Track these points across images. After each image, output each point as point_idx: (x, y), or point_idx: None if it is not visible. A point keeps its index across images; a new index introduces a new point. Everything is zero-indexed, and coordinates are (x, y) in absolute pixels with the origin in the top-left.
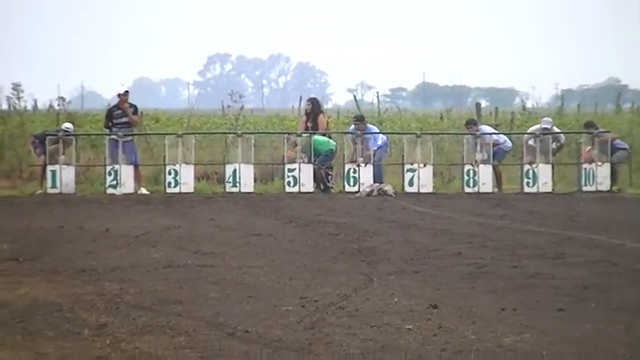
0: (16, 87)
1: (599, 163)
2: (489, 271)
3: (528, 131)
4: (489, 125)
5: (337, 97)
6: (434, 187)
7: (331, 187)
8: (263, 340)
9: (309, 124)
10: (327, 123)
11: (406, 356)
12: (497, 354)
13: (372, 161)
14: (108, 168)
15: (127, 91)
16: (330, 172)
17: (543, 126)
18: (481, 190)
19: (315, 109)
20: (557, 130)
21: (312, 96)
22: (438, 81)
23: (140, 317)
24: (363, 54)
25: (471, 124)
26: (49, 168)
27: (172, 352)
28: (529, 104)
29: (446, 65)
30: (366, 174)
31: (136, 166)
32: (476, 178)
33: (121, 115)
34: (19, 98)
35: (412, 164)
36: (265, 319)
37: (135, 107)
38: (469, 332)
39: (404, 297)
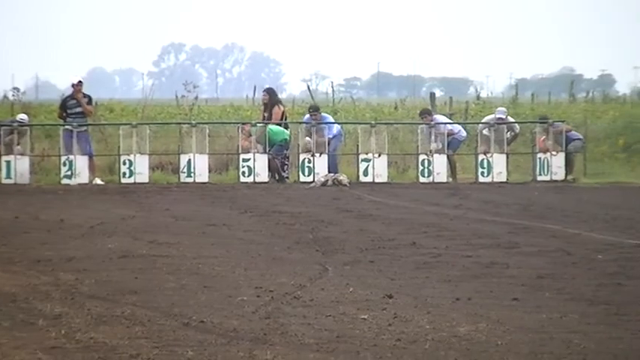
0: None
1: (553, 153)
2: (444, 261)
3: (483, 121)
4: (444, 115)
5: (291, 87)
6: (389, 176)
7: (286, 177)
8: (218, 330)
9: (265, 114)
10: (283, 113)
11: (361, 346)
12: (452, 343)
13: (326, 151)
14: (63, 158)
15: (80, 81)
16: (285, 162)
17: (498, 116)
18: (436, 180)
19: (272, 99)
20: (512, 120)
21: (268, 86)
22: (393, 71)
23: (95, 307)
24: (317, 44)
25: (425, 113)
26: (4, 158)
27: (127, 342)
28: (483, 94)
29: (400, 55)
30: (321, 164)
31: (91, 157)
32: (430, 167)
33: (75, 105)
34: None
35: (367, 154)
36: (220, 309)
37: (89, 97)
38: (424, 322)
39: (359, 287)
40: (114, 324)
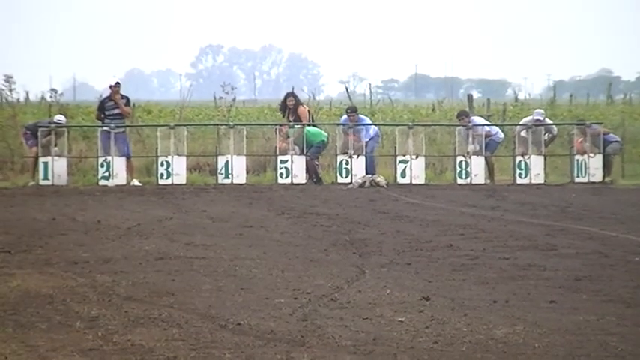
0: (8, 78)
1: (591, 155)
2: (481, 263)
3: (520, 123)
4: (481, 116)
5: (329, 89)
6: (426, 178)
7: (317, 180)
8: (255, 331)
9: (290, 118)
10: (309, 112)
11: (398, 348)
12: (489, 346)
13: (364, 153)
14: (100, 160)
15: (118, 83)
16: (317, 164)
17: (535, 117)
18: (473, 182)
19: (296, 101)
20: (549, 122)
21: (289, 91)
22: (430, 72)
23: (132, 309)
24: (355, 45)
25: (463, 115)
26: (42, 160)
27: (164, 344)
28: (521, 95)
29: (438, 56)
30: (359, 165)
31: (129, 158)
32: (468, 169)
33: (113, 107)
34: (11, 90)
35: (404, 156)
36: (257, 311)
37: (127, 98)
38: (461, 324)
39: (396, 289)
40: (151, 326)
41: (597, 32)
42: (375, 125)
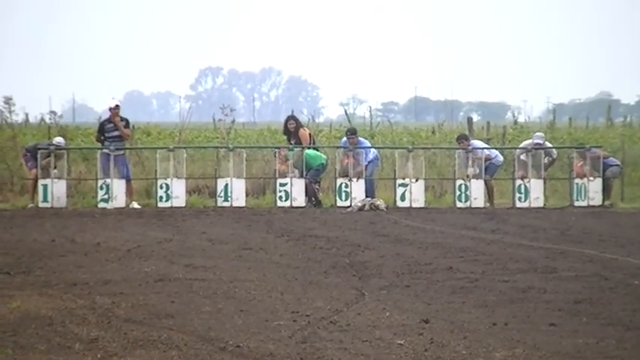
0: (8, 100)
1: (590, 178)
2: (481, 286)
3: (520, 146)
4: (481, 140)
5: (329, 111)
6: (426, 201)
7: (316, 203)
8: (254, 354)
9: (292, 141)
10: (310, 135)
11: None
12: None
13: (363, 175)
14: (100, 182)
15: (117, 105)
16: (317, 187)
17: (535, 141)
18: (473, 205)
19: (297, 124)
20: (549, 145)
21: (290, 114)
22: (430, 95)
23: (132, 331)
24: (355, 68)
25: (462, 139)
26: (41, 182)
27: None
28: (521, 118)
29: (438, 79)
30: (358, 188)
31: (128, 180)
32: (468, 192)
33: (112, 129)
34: (10, 112)
35: (404, 179)
36: (257, 334)
37: (127, 121)
38: (461, 347)
39: (395, 311)
40: (150, 348)
41: (597, 55)
42: (375, 148)
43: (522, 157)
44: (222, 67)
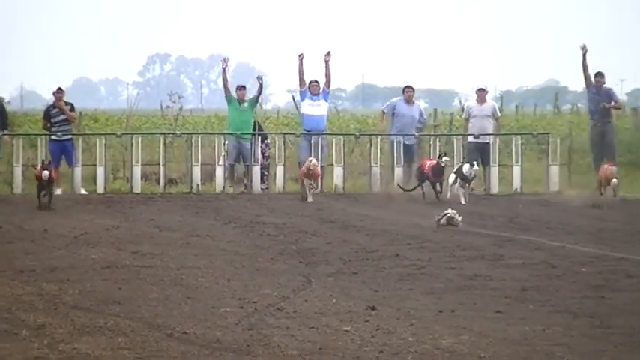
0: None
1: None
2: (428, 273)
3: (469, 133)
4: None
5: (277, 98)
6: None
7: (266, 188)
8: (201, 341)
9: None
10: (256, 122)
11: (344, 357)
12: (435, 355)
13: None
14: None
15: (60, 88)
16: (265, 173)
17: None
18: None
19: None
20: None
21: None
22: (378, 82)
23: (79, 318)
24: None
25: None
26: None
27: (110, 353)
28: None
29: (385, 66)
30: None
31: (75, 166)
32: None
33: (58, 114)
34: None
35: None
36: (204, 320)
37: (71, 105)
38: (407, 333)
39: (342, 298)
40: (97, 334)
41: (545, 42)
42: (323, 134)
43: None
44: (170, 54)
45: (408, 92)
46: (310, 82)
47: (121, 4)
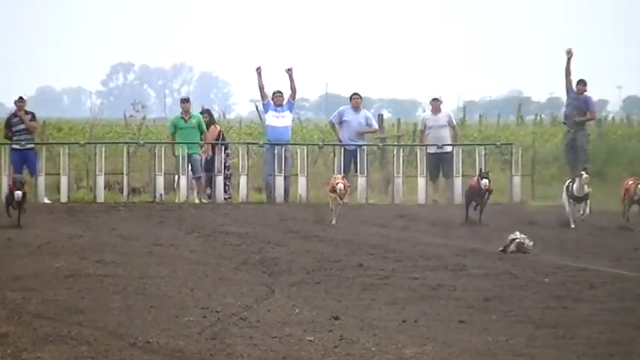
0: None
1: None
2: (391, 283)
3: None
4: (392, 136)
5: (240, 108)
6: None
7: (228, 198)
8: (164, 350)
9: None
10: (220, 132)
11: None
12: None
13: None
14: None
15: (21, 97)
16: (227, 182)
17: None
18: (385, 201)
19: (211, 119)
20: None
21: (206, 108)
22: (342, 92)
23: (42, 327)
24: (265, 65)
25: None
26: None
27: None
28: None
29: (349, 76)
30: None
31: (37, 175)
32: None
33: (18, 122)
34: None
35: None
36: (167, 330)
37: (32, 114)
38: (370, 344)
39: (305, 308)
40: (60, 343)
41: (508, 53)
42: (285, 145)
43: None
44: (133, 63)
45: (355, 99)
46: (274, 93)
47: (85, 14)
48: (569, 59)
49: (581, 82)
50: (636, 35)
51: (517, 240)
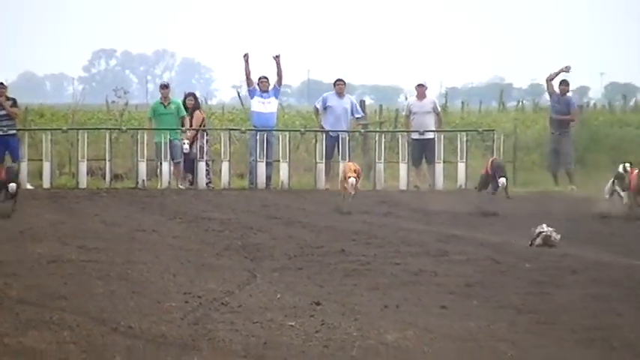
0: None
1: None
2: (373, 269)
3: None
4: (374, 123)
5: (222, 94)
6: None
7: (209, 183)
8: (146, 335)
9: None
10: (203, 119)
11: (289, 352)
12: (379, 351)
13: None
14: None
15: (1, 83)
16: (208, 168)
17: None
18: (367, 188)
19: (196, 103)
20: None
21: (192, 92)
22: (323, 78)
23: (24, 312)
24: (247, 50)
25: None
26: None
27: (56, 347)
28: None
29: (331, 63)
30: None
31: (19, 161)
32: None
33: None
34: None
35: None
36: (149, 315)
37: (14, 100)
38: (352, 329)
39: (287, 293)
40: (42, 329)
41: (490, 40)
42: (267, 131)
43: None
44: (115, 49)
45: (338, 85)
46: (260, 79)
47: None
48: (560, 72)
49: (564, 83)
50: (618, 22)
51: (544, 233)
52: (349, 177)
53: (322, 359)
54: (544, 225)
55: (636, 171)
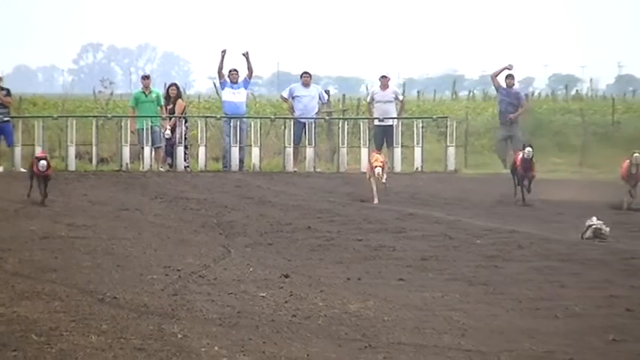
0: None
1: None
2: (337, 244)
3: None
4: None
5: (199, 84)
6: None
7: (187, 167)
8: (130, 305)
9: (168, 107)
10: (185, 107)
11: (260, 321)
12: (343, 319)
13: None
14: None
15: None
16: (186, 152)
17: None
18: (331, 170)
19: (178, 92)
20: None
21: (173, 82)
22: (292, 70)
23: (18, 284)
24: (222, 44)
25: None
26: None
27: (47, 316)
28: None
29: (299, 55)
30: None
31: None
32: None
33: None
34: None
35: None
36: (132, 287)
37: (8, 90)
38: (318, 299)
39: (259, 267)
40: (35, 299)
41: (445, 34)
42: (240, 118)
43: (376, 122)
44: (102, 44)
45: (304, 77)
46: (230, 71)
47: None
48: (504, 69)
49: (510, 77)
50: (562, 14)
51: (594, 226)
52: (376, 167)
53: (291, 327)
54: (594, 218)
55: (627, 161)
